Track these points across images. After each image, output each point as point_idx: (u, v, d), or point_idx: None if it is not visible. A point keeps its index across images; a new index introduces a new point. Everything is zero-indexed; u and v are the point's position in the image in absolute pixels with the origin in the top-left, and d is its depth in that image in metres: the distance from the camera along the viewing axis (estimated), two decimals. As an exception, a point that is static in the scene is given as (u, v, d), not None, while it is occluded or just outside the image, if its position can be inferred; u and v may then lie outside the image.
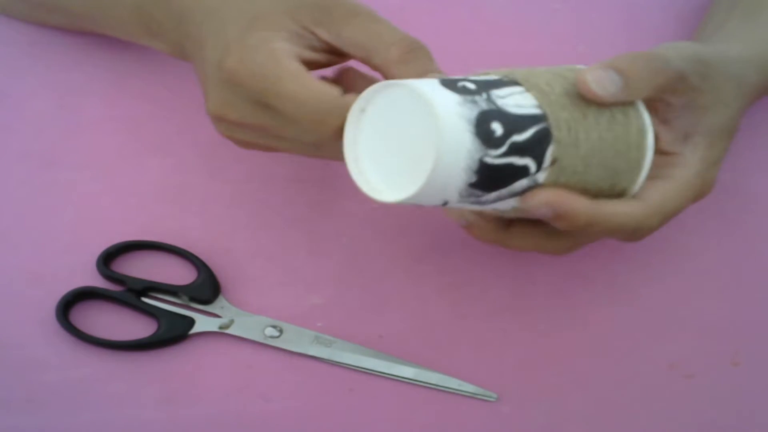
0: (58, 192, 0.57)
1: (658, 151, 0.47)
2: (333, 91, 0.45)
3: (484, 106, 0.42)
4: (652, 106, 0.48)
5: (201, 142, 0.62)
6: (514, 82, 0.44)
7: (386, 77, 0.46)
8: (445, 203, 0.42)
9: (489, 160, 0.41)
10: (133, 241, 0.55)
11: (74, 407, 0.48)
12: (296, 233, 0.56)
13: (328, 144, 0.46)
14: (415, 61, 0.46)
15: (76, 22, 0.62)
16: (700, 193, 0.49)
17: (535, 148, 0.43)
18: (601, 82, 0.44)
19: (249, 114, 0.48)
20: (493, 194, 0.43)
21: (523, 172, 0.43)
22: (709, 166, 0.49)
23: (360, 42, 0.47)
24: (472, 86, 0.42)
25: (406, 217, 0.56)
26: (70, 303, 0.51)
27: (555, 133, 0.43)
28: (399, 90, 0.42)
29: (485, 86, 0.43)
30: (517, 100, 0.43)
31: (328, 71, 0.49)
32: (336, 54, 0.49)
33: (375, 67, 0.47)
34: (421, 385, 0.50)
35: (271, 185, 0.59)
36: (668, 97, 0.47)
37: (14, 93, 0.62)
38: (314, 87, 0.45)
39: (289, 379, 0.50)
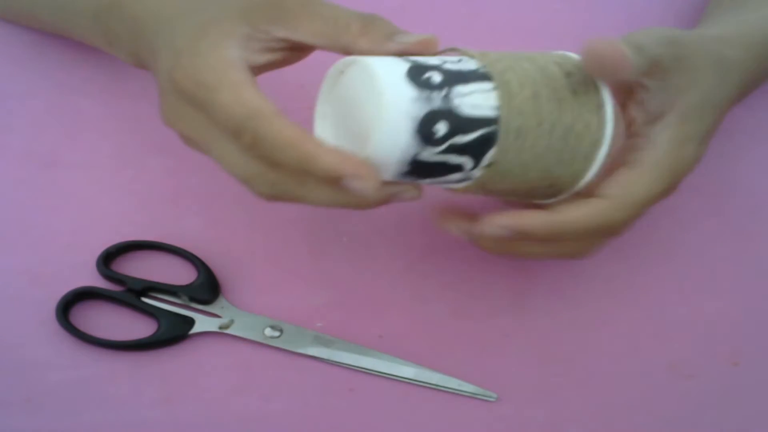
0: (58, 192, 0.57)
1: (632, 135, 0.48)
2: (266, 106, 0.44)
3: (436, 104, 0.43)
4: (628, 88, 0.48)
5: (201, 142, 0.62)
6: (485, 77, 0.44)
7: (354, 54, 0.46)
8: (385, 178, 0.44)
9: (424, 157, 0.43)
10: (133, 241, 0.55)
11: (74, 407, 0.48)
12: (296, 233, 0.56)
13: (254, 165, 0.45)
14: (376, 30, 0.46)
15: (53, 30, 0.63)
16: (675, 173, 0.48)
17: (476, 149, 0.44)
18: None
19: (195, 126, 0.47)
20: (426, 181, 0.45)
21: (457, 168, 0.44)
22: (682, 143, 0.48)
23: (319, 30, 0.46)
24: (437, 79, 0.43)
25: (406, 217, 0.56)
26: (70, 303, 0.51)
27: (501, 138, 0.44)
28: (363, 71, 0.43)
29: (452, 80, 0.43)
30: (476, 100, 0.43)
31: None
32: (297, 49, 0.48)
33: (341, 50, 0.47)
34: (421, 385, 0.50)
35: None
36: (643, 79, 0.48)
37: (14, 93, 0.62)
38: (248, 99, 0.44)
39: (289, 379, 0.50)
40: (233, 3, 0.48)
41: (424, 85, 0.43)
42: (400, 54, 0.45)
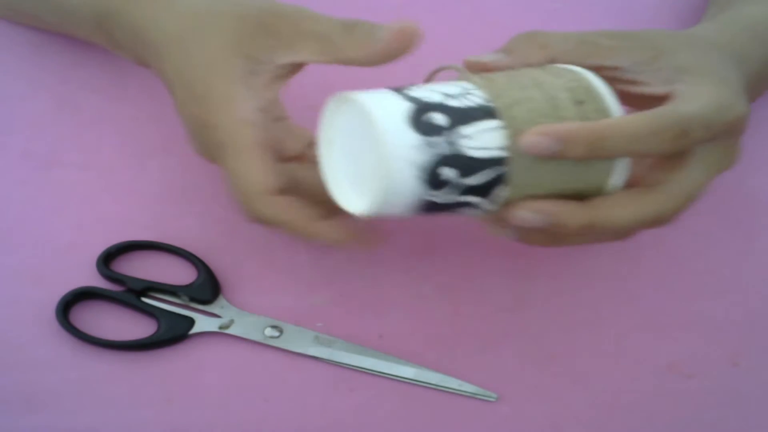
0: (58, 192, 0.57)
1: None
2: (260, 179, 0.46)
3: (442, 150, 0.41)
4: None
5: (201, 142, 0.62)
6: (491, 114, 0.42)
7: (347, 63, 0.47)
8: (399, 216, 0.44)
9: (433, 199, 0.42)
10: (133, 241, 0.55)
11: (74, 407, 0.48)
12: (296, 233, 0.56)
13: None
14: (355, 34, 0.46)
15: (57, 30, 0.63)
16: (725, 104, 0.46)
17: (487, 189, 0.43)
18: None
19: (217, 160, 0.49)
20: (441, 214, 0.44)
21: (469, 205, 0.43)
22: (716, 83, 0.47)
23: (312, 48, 0.47)
24: (441, 121, 0.41)
25: (406, 216, 0.56)
26: (70, 303, 0.51)
27: (512, 176, 0.42)
28: (361, 113, 0.42)
29: (456, 120, 0.42)
30: (483, 141, 0.42)
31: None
32: (298, 65, 0.49)
33: (336, 62, 0.47)
34: (421, 385, 0.50)
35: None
36: (632, 74, 0.48)
37: (14, 93, 0.62)
38: (256, 177, 0.46)
39: (289, 379, 0.50)
40: (228, 29, 0.48)
41: (426, 129, 0.41)
42: (387, 55, 0.45)
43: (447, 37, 0.70)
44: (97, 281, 0.53)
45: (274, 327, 0.51)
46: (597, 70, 0.48)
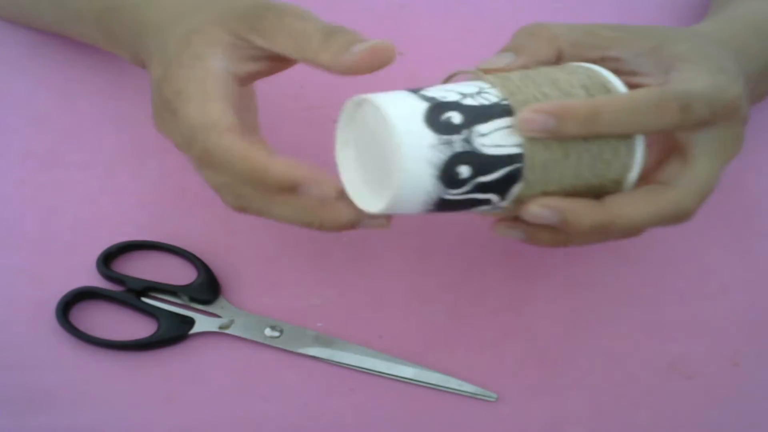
0: (58, 192, 0.57)
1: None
2: (223, 120, 0.45)
3: (458, 147, 0.41)
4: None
5: (201, 142, 0.62)
6: (506, 112, 0.42)
7: (322, 68, 0.46)
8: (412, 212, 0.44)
9: (448, 197, 0.42)
10: (133, 241, 0.55)
11: (74, 407, 0.48)
12: (296, 233, 0.56)
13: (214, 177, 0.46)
14: (334, 42, 0.46)
15: (54, 29, 0.63)
16: (723, 86, 0.45)
17: (502, 186, 0.43)
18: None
19: (175, 134, 0.48)
20: (455, 211, 0.44)
21: (483, 202, 0.43)
22: (712, 71, 0.46)
23: (291, 44, 0.47)
24: (457, 119, 0.42)
25: (406, 217, 0.56)
26: (70, 303, 0.51)
27: (527, 174, 0.43)
28: (377, 113, 0.42)
29: (472, 119, 0.42)
30: (498, 139, 0.42)
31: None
32: (280, 59, 0.48)
33: (311, 64, 0.47)
34: (421, 385, 0.50)
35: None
36: (634, 66, 0.48)
37: (14, 93, 0.62)
38: (208, 111, 0.45)
39: (289, 379, 0.50)
40: (217, 10, 0.49)
41: (443, 127, 0.41)
42: (357, 69, 0.45)
43: (447, 37, 0.70)
44: (97, 281, 0.53)
45: (274, 327, 0.51)
46: (599, 61, 0.48)
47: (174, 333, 0.51)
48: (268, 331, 0.51)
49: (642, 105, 0.43)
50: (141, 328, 0.51)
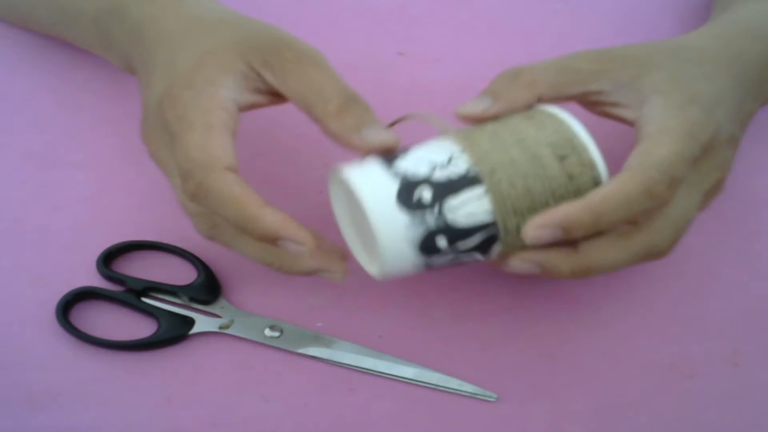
0: (58, 192, 0.57)
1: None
2: (224, 158, 0.45)
3: (431, 223, 0.44)
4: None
5: (201, 142, 0.62)
6: (475, 180, 0.44)
7: (324, 131, 0.47)
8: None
9: (434, 263, 0.45)
10: (133, 241, 0.55)
11: (74, 407, 0.48)
12: (296, 233, 0.56)
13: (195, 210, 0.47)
14: (349, 116, 0.46)
15: (49, 31, 0.63)
16: (691, 133, 0.45)
17: (481, 246, 0.45)
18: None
19: (164, 152, 0.48)
20: (448, 268, 0.48)
21: (471, 259, 0.46)
22: (681, 107, 0.46)
23: (302, 93, 0.47)
24: (428, 196, 0.44)
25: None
26: (70, 303, 0.51)
27: (502, 236, 0.45)
28: (354, 194, 0.44)
29: (443, 193, 0.44)
30: (470, 209, 0.44)
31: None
32: (279, 96, 0.49)
33: (314, 120, 0.47)
34: (421, 385, 0.50)
35: (270, 185, 0.59)
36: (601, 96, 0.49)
37: (14, 93, 0.62)
38: (211, 147, 0.45)
39: (289, 379, 0.50)
40: (235, 35, 0.48)
41: (415, 206, 0.44)
42: (359, 150, 0.46)
43: (447, 37, 0.70)
44: (97, 281, 0.53)
45: (274, 327, 0.51)
46: (582, 96, 0.49)
47: (174, 333, 0.51)
48: (267, 331, 0.51)
49: (633, 197, 0.44)
50: (141, 328, 0.51)
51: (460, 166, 0.45)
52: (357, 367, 0.50)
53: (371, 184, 0.44)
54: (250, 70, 0.47)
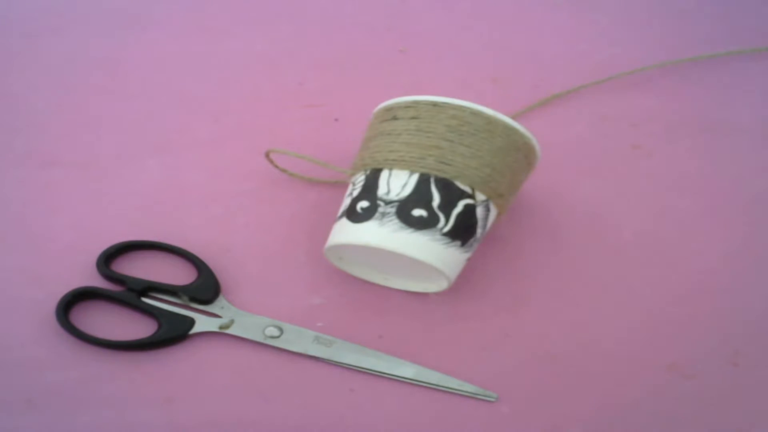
0: (58, 192, 0.57)
1: None
2: None
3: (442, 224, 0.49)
4: None
5: (201, 142, 0.62)
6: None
7: None
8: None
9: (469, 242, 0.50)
10: (133, 241, 0.55)
11: (74, 407, 0.48)
12: (296, 233, 0.56)
13: None
14: None
15: None
16: None
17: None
18: None
19: None
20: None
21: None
22: None
23: None
24: (424, 212, 0.49)
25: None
26: (70, 303, 0.51)
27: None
28: (402, 255, 0.49)
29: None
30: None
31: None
32: None
33: None
34: (421, 385, 0.50)
35: (270, 185, 0.59)
36: None
37: (14, 93, 0.62)
38: None
39: (289, 379, 0.50)
40: None
41: (420, 224, 0.49)
42: None
43: (447, 35, 0.70)
44: (97, 281, 0.53)
45: (274, 327, 0.51)
46: None
47: (174, 333, 0.51)
48: (268, 331, 0.51)
49: None
50: (141, 328, 0.51)
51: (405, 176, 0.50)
52: (357, 367, 0.50)
53: (403, 240, 0.48)
54: None
